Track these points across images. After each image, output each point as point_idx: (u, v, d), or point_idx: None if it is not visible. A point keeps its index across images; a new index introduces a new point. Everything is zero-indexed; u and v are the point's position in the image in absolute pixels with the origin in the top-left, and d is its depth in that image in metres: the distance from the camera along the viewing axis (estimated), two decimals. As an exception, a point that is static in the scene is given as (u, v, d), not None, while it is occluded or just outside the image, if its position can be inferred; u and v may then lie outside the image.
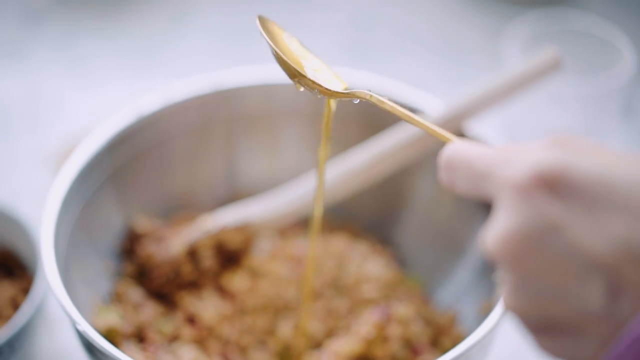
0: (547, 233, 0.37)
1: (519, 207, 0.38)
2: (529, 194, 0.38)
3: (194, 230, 0.72)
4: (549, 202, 0.38)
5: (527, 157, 0.39)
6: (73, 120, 0.96)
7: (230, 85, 0.75)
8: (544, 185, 0.38)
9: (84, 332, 0.58)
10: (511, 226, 0.38)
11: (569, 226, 0.37)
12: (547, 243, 0.38)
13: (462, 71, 1.02)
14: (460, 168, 0.42)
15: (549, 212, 0.38)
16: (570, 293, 0.38)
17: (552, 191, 0.38)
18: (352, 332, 0.68)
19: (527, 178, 0.38)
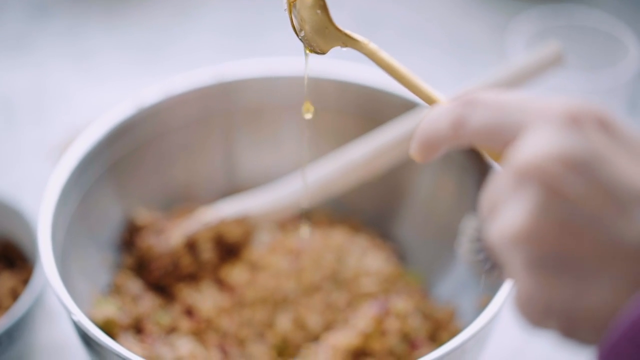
0: (596, 160, 0.36)
1: (569, 131, 0.36)
2: (581, 123, 0.37)
3: (193, 222, 0.72)
4: (601, 135, 0.37)
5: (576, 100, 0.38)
6: (77, 114, 0.96)
7: (231, 77, 0.75)
8: (597, 120, 0.37)
9: (78, 322, 0.58)
10: (558, 146, 0.36)
11: (618, 160, 0.36)
12: (594, 168, 0.36)
13: (467, 67, 1.02)
14: (487, 102, 0.40)
15: (601, 143, 0.36)
16: (606, 222, 0.36)
17: (604, 128, 0.37)
18: (350, 326, 0.68)
19: (581, 110, 0.37)
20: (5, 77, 1.01)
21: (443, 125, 0.41)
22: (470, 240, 0.43)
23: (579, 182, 0.36)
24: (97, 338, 0.57)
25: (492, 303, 0.59)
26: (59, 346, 0.76)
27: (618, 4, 1.07)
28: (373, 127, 0.73)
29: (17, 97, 0.99)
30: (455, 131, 0.41)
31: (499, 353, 0.76)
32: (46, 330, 0.77)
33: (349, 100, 0.74)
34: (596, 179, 0.36)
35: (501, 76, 0.70)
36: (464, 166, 0.71)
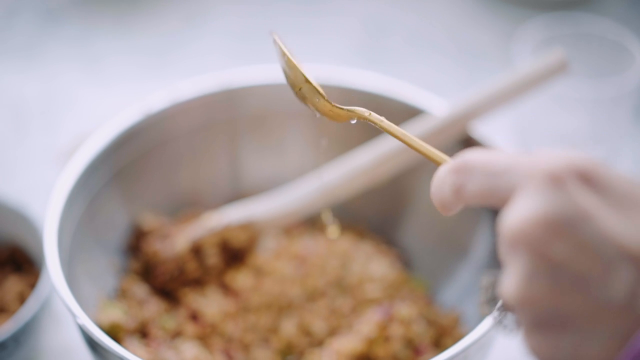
0: (579, 220, 0.37)
1: (551, 192, 0.37)
2: (563, 182, 0.37)
3: (199, 227, 0.72)
4: (583, 192, 0.37)
5: (559, 154, 0.38)
6: (86, 119, 0.97)
7: (236, 84, 0.75)
8: (579, 176, 0.38)
9: (83, 325, 0.58)
10: (541, 209, 0.37)
11: (602, 216, 0.37)
12: (577, 229, 0.37)
13: (474, 74, 1.02)
14: (476, 168, 0.41)
15: (582, 201, 0.37)
16: (593, 282, 0.37)
17: (587, 183, 0.38)
18: (354, 331, 0.68)
19: (562, 168, 0.38)
20: (15, 82, 1.02)
21: (446, 193, 0.43)
22: (487, 295, 0.44)
23: (563, 245, 0.37)
24: (102, 342, 0.58)
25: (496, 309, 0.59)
26: (65, 350, 0.77)
27: (624, 12, 1.07)
28: (378, 134, 0.73)
29: (26, 103, 1.00)
30: (457, 197, 0.42)
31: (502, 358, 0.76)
32: (52, 334, 0.77)
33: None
34: (580, 239, 0.37)
35: (506, 83, 0.70)
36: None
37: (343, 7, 1.13)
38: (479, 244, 0.71)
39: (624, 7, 1.08)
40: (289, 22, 1.10)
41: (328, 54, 1.06)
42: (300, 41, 1.08)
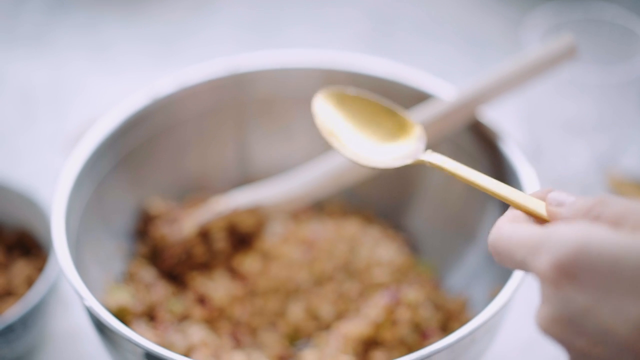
0: (580, 317, 0.42)
1: (552, 296, 0.43)
2: (556, 285, 0.42)
3: (206, 211, 0.72)
4: (574, 289, 0.42)
5: (550, 247, 0.43)
6: (94, 106, 0.97)
7: (243, 69, 0.75)
8: (565, 275, 0.42)
9: (90, 307, 0.59)
10: (551, 313, 0.43)
11: (595, 310, 0.41)
12: (582, 326, 0.42)
13: (482, 62, 1.02)
14: (502, 254, 0.47)
15: (576, 299, 0.42)
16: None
17: (573, 280, 0.42)
18: (362, 315, 0.68)
19: (550, 271, 0.42)
20: (24, 69, 1.02)
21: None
22: None
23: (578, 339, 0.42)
24: (109, 324, 0.58)
25: (503, 292, 0.59)
26: (73, 334, 0.77)
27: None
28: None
29: (34, 89, 1.00)
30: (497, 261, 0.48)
31: (510, 345, 0.76)
32: (60, 318, 0.78)
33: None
34: (588, 333, 0.42)
35: (514, 68, 0.70)
36: (476, 157, 0.72)
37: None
38: (486, 228, 0.71)
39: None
40: (297, 11, 1.10)
41: (336, 43, 1.05)
42: (308, 30, 1.08)
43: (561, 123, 0.90)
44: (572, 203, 0.46)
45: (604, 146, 0.90)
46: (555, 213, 0.47)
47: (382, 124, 0.63)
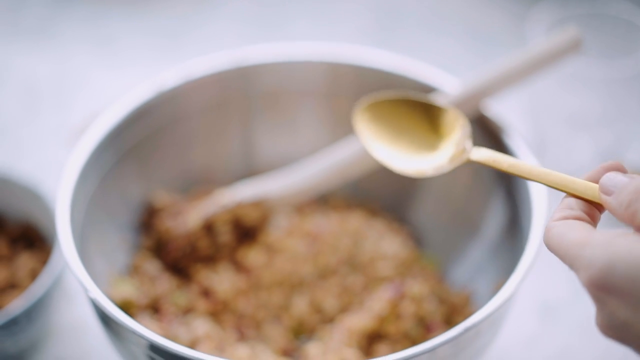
0: (623, 327, 0.44)
1: (597, 306, 0.45)
2: (596, 298, 0.44)
3: (211, 204, 0.72)
4: (611, 301, 0.44)
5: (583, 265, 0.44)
6: (98, 99, 0.97)
7: (249, 62, 0.75)
8: (600, 291, 0.44)
9: (95, 299, 0.59)
10: (602, 320, 0.45)
11: (633, 321, 0.43)
12: (628, 333, 0.44)
13: (487, 56, 1.02)
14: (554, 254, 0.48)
15: (615, 310, 0.44)
16: None
17: (609, 295, 0.43)
18: (366, 309, 0.68)
19: (588, 287, 0.44)
20: (28, 62, 1.02)
21: None
22: None
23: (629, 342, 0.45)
24: (114, 316, 0.58)
25: (506, 286, 0.59)
26: (77, 327, 0.77)
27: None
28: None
29: (39, 82, 1.00)
30: None
31: (514, 339, 0.76)
32: (64, 311, 0.78)
33: (366, 85, 0.74)
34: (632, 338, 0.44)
35: (519, 61, 0.70)
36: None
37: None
38: (490, 222, 0.71)
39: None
40: (300, 6, 1.10)
41: (339, 37, 1.05)
42: (312, 24, 1.07)
43: (565, 117, 0.90)
44: (617, 194, 0.46)
45: (607, 141, 0.90)
46: (605, 203, 0.47)
47: (427, 125, 0.63)
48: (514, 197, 0.68)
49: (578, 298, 0.79)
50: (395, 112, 0.64)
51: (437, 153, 0.61)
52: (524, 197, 0.66)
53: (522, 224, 0.66)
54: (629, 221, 0.45)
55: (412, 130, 0.63)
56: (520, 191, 0.67)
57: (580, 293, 0.79)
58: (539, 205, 0.63)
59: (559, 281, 0.80)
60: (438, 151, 0.61)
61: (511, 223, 0.69)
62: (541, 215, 0.63)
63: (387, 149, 0.62)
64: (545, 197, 0.64)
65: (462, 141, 0.59)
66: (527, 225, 0.64)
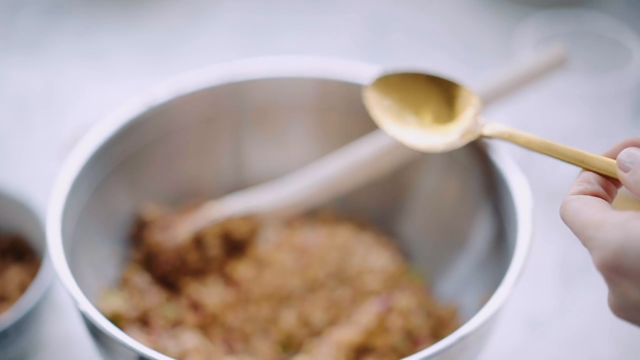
0: (634, 309, 0.45)
1: (610, 287, 0.45)
2: (609, 278, 0.45)
3: (201, 218, 0.73)
4: (623, 282, 0.44)
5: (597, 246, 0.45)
6: (89, 112, 0.97)
7: (240, 77, 0.76)
8: (613, 273, 0.44)
9: (85, 312, 0.59)
10: (614, 301, 0.46)
11: None
12: (637, 316, 0.45)
13: (475, 71, 1.03)
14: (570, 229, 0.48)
15: (627, 292, 0.44)
16: None
17: (621, 276, 0.44)
18: (353, 322, 0.69)
19: (601, 269, 0.45)
20: (19, 75, 1.02)
21: None
22: None
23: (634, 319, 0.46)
24: (104, 329, 0.58)
25: (493, 300, 0.60)
26: (67, 340, 0.77)
27: (625, 9, 1.08)
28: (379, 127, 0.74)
29: (30, 95, 1.00)
30: None
31: (501, 353, 0.76)
32: (54, 324, 0.78)
33: (355, 100, 0.75)
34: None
35: (506, 77, 0.71)
36: (468, 167, 0.72)
37: (345, 3, 1.13)
38: (477, 236, 0.72)
39: (624, 4, 1.08)
40: (292, 18, 1.11)
41: (331, 49, 1.06)
42: (304, 37, 1.08)
43: (551, 133, 0.90)
44: (634, 171, 0.47)
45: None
46: (622, 178, 0.48)
47: (439, 101, 0.62)
48: (500, 212, 0.69)
49: (564, 312, 0.80)
50: (406, 87, 0.64)
51: (449, 128, 0.61)
52: (510, 211, 0.67)
53: (509, 238, 0.67)
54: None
55: (424, 105, 0.63)
56: (506, 205, 0.68)
57: (566, 307, 0.80)
58: (525, 220, 0.64)
59: (545, 295, 0.81)
60: (450, 126, 0.61)
61: (498, 237, 0.69)
62: (527, 229, 0.64)
63: (398, 124, 0.62)
64: (531, 212, 0.65)
65: (474, 117, 0.60)
66: (513, 240, 0.65)
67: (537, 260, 0.80)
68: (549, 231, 0.83)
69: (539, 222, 0.63)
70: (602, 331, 0.78)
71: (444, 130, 0.61)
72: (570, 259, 0.83)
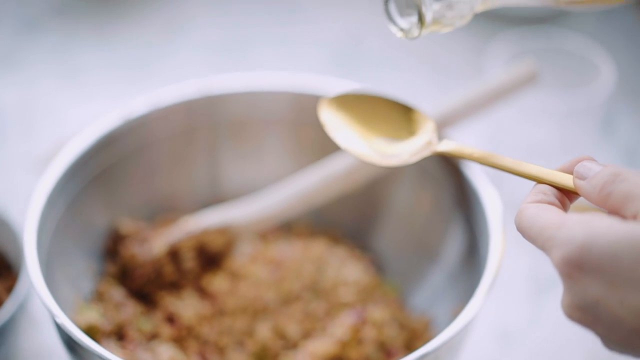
0: (593, 307, 0.44)
1: (568, 287, 0.45)
2: (570, 278, 0.45)
3: (176, 231, 0.74)
4: (584, 280, 0.44)
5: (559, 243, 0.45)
6: (65, 128, 0.98)
7: (215, 92, 0.77)
8: (574, 270, 0.44)
9: (62, 325, 0.59)
10: (570, 301, 0.46)
11: (605, 301, 0.44)
12: (597, 314, 0.45)
13: (445, 88, 1.04)
14: (526, 237, 0.49)
15: (588, 290, 0.44)
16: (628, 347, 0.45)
17: (583, 273, 0.44)
18: (328, 334, 0.70)
19: (562, 266, 0.45)
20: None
21: None
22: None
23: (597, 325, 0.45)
24: (81, 341, 0.59)
25: (465, 311, 0.61)
26: (42, 353, 0.77)
27: (593, 26, 1.09)
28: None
29: (5, 112, 1.00)
30: None
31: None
32: (29, 338, 0.78)
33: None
34: (603, 320, 0.45)
35: (476, 93, 0.72)
36: (440, 181, 0.73)
37: (319, 18, 1.14)
38: (449, 249, 0.73)
39: (593, 22, 1.10)
40: (267, 33, 1.12)
41: (305, 64, 1.07)
42: (278, 51, 1.09)
43: (522, 148, 0.92)
44: (592, 178, 0.48)
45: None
46: (579, 187, 0.49)
47: (392, 120, 0.64)
48: (472, 225, 0.70)
49: (536, 324, 0.81)
50: (362, 107, 0.65)
51: (404, 146, 0.62)
52: (482, 224, 0.68)
53: (480, 250, 0.68)
54: (602, 204, 0.47)
55: (378, 124, 0.64)
56: (478, 219, 0.69)
57: (538, 318, 0.81)
58: (496, 233, 0.65)
59: (517, 307, 0.82)
60: (404, 144, 0.62)
61: (470, 250, 0.70)
62: (498, 242, 0.65)
63: (351, 138, 0.63)
64: (502, 224, 0.66)
65: (428, 135, 0.61)
66: (485, 252, 0.66)
67: (509, 272, 0.81)
68: (520, 244, 0.84)
69: (510, 235, 0.64)
70: (573, 343, 0.79)
71: (399, 147, 0.62)
72: (542, 271, 0.85)
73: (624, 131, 0.97)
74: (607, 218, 0.45)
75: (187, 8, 1.14)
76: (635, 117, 0.98)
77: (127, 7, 1.13)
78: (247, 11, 1.14)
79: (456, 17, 0.51)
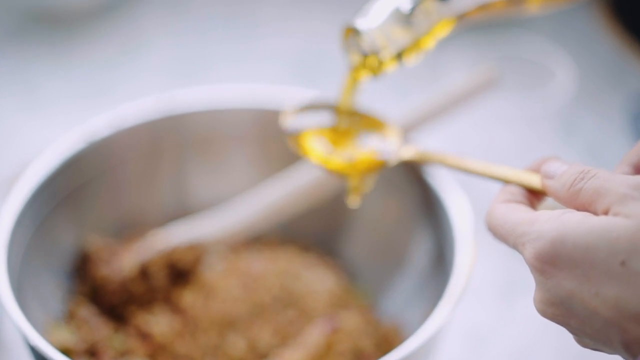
0: (567, 301, 0.45)
1: (541, 282, 0.46)
2: (542, 273, 0.45)
3: (146, 249, 0.73)
4: (558, 274, 0.45)
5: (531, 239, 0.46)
6: (25, 150, 0.97)
7: (179, 109, 0.77)
8: (547, 265, 0.45)
9: (36, 346, 0.59)
10: (543, 297, 0.46)
11: (579, 294, 0.44)
12: (571, 308, 0.45)
13: (407, 91, 1.04)
14: (496, 236, 0.50)
15: (561, 285, 0.45)
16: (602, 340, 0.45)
17: (555, 268, 0.45)
18: (301, 344, 0.70)
19: (534, 261, 0.46)
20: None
21: None
22: None
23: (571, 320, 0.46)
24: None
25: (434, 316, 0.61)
26: (14, 377, 0.77)
27: (554, 30, 1.10)
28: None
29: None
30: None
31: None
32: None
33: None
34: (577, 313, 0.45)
35: (436, 99, 0.73)
36: (405, 190, 0.74)
37: (278, 32, 1.15)
38: (417, 255, 0.74)
39: (554, 26, 1.11)
40: (226, 49, 1.12)
41: (266, 78, 1.07)
42: (238, 67, 1.09)
43: (485, 152, 0.93)
44: (560, 176, 0.48)
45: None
46: (547, 186, 0.49)
47: (355, 129, 0.64)
48: (437, 231, 0.71)
49: (508, 327, 0.82)
50: (323, 117, 0.66)
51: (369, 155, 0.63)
52: (447, 230, 0.69)
53: (447, 256, 0.69)
54: (571, 201, 0.47)
55: (341, 134, 0.65)
56: (443, 224, 0.70)
57: (510, 321, 0.82)
58: (463, 238, 0.66)
59: (488, 310, 0.83)
60: (370, 154, 0.63)
61: (438, 256, 0.71)
62: (465, 247, 0.66)
63: (315, 149, 0.64)
64: (470, 229, 0.67)
65: (393, 142, 0.61)
66: (451, 257, 0.67)
67: (481, 276, 0.82)
68: (492, 247, 0.85)
69: (482, 239, 0.65)
70: (546, 345, 0.80)
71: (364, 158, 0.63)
72: (514, 274, 0.85)
73: (585, 132, 0.98)
74: (579, 213, 0.45)
75: (144, 28, 1.14)
76: (596, 118, 0.99)
77: (84, 28, 1.13)
78: (205, 29, 1.14)
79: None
